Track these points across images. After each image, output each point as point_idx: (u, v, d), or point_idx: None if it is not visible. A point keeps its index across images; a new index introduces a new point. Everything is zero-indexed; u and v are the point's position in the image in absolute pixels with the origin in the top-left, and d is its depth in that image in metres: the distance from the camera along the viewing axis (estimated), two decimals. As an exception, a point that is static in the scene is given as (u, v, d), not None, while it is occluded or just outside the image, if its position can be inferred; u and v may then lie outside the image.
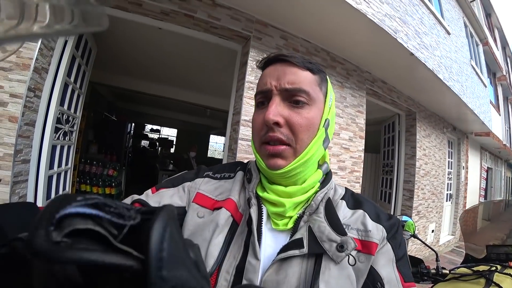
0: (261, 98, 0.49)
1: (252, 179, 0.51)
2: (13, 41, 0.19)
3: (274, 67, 0.49)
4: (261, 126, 0.47)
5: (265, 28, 2.42)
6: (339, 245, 0.41)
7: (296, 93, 0.46)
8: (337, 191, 0.54)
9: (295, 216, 0.47)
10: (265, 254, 0.44)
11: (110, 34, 3.10)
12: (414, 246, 4.42)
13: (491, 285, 0.98)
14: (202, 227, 0.47)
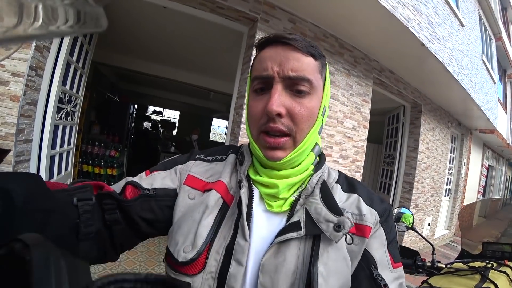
0: (260, 84, 0.46)
1: (244, 161, 0.51)
2: (12, 42, 0.19)
3: (275, 49, 0.45)
4: (261, 114, 0.45)
5: (273, 10, 2.35)
6: (336, 225, 0.42)
7: (299, 81, 0.44)
8: (331, 174, 0.54)
9: (290, 198, 0.48)
10: (260, 235, 0.45)
11: (114, 13, 3.03)
12: (410, 238, 4.49)
13: (486, 282, 0.99)
14: (192, 208, 0.48)
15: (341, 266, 0.42)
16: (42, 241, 0.23)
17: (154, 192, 0.49)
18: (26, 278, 0.19)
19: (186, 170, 0.53)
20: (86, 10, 0.21)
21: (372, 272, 0.44)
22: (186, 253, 0.42)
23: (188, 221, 0.46)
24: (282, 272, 0.41)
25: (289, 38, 0.44)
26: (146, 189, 0.49)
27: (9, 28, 0.16)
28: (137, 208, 0.47)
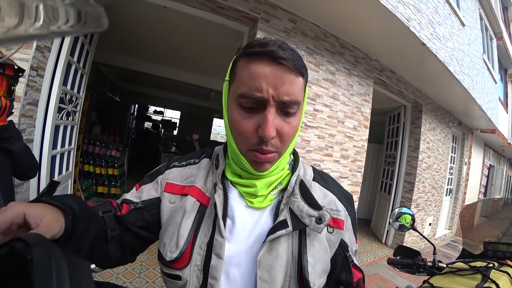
0: (251, 103, 0.45)
1: (219, 165, 0.56)
2: (13, 42, 0.19)
3: (270, 68, 0.44)
4: (252, 133, 0.46)
5: (273, 10, 2.35)
6: (318, 218, 0.48)
7: (291, 105, 0.46)
8: (306, 171, 0.60)
9: (270, 196, 0.53)
10: (242, 227, 0.51)
11: (115, 13, 3.03)
12: (411, 238, 4.49)
13: (487, 281, 0.98)
14: (174, 212, 0.54)
15: (323, 254, 0.52)
16: (43, 241, 0.23)
17: (142, 204, 0.57)
18: (27, 277, 0.19)
19: (164, 179, 0.59)
20: (86, 10, 0.21)
21: (346, 254, 0.57)
22: (172, 253, 0.50)
23: (172, 225, 0.53)
24: (277, 265, 0.48)
25: (284, 57, 0.43)
26: (135, 202, 0.57)
27: (10, 28, 0.16)
28: (131, 219, 0.56)
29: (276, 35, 2.38)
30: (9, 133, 1.10)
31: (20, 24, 0.16)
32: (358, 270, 0.60)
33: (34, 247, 0.21)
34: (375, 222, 5.10)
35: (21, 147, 1.14)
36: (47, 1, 0.18)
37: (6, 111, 1.07)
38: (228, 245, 0.50)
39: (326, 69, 2.78)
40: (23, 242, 0.22)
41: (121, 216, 0.56)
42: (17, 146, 1.12)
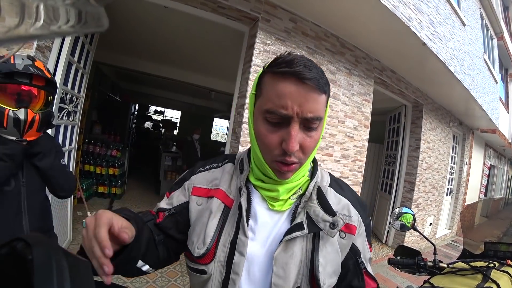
0: (276, 119, 0.49)
1: (243, 170, 0.60)
2: (14, 42, 0.19)
3: (295, 88, 0.47)
4: (276, 146, 0.50)
5: (274, 10, 2.35)
6: (331, 224, 0.52)
7: (314, 121, 0.49)
8: (323, 177, 0.64)
9: (289, 200, 0.58)
10: (264, 228, 0.56)
11: (115, 13, 3.03)
12: (411, 238, 4.49)
13: (488, 281, 0.98)
14: (201, 213, 0.60)
15: (334, 256, 0.56)
16: (43, 241, 0.23)
17: (175, 210, 0.63)
18: (28, 277, 0.19)
19: (191, 184, 0.65)
20: (87, 10, 0.21)
21: (357, 260, 0.60)
22: (199, 250, 0.55)
23: (199, 224, 0.58)
24: (291, 263, 0.53)
25: (309, 77, 0.46)
26: (168, 209, 0.63)
27: (11, 28, 0.16)
28: (167, 225, 0.62)
29: (276, 35, 2.37)
30: (39, 149, 1.07)
31: (21, 24, 0.16)
32: (372, 279, 0.62)
33: (34, 247, 0.21)
34: (375, 222, 5.09)
35: (49, 164, 1.10)
36: (48, 1, 0.18)
37: (35, 125, 1.03)
38: (250, 243, 0.55)
39: (327, 68, 2.78)
40: (24, 242, 0.22)
41: (159, 223, 0.62)
42: (44, 163, 1.08)
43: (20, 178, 1.04)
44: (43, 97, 1.08)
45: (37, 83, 1.03)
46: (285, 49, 2.45)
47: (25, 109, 1.00)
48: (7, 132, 1.00)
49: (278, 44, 2.40)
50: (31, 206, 1.06)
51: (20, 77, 0.99)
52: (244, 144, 2.25)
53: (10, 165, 0.98)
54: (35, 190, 1.09)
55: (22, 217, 1.04)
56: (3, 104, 0.98)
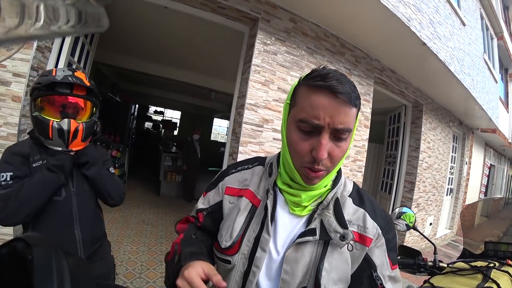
0: (308, 128, 0.53)
1: (272, 174, 0.65)
2: (14, 42, 0.19)
3: (328, 100, 0.51)
4: (307, 153, 0.54)
5: (274, 10, 2.35)
6: (342, 236, 0.55)
7: (343, 132, 0.53)
8: (346, 187, 0.66)
9: (309, 206, 0.61)
10: (283, 230, 0.61)
11: (115, 13, 3.03)
12: (411, 238, 4.48)
13: (488, 281, 0.98)
14: (232, 210, 0.66)
15: (342, 265, 0.57)
16: (43, 241, 0.23)
17: (211, 209, 0.71)
18: (28, 277, 0.19)
19: (224, 184, 0.71)
20: (87, 10, 0.21)
21: (372, 273, 0.58)
22: (226, 242, 0.62)
23: (229, 220, 0.65)
24: (300, 263, 0.57)
25: (342, 92, 0.50)
26: (206, 209, 0.72)
27: (11, 28, 0.16)
28: (207, 223, 0.71)
29: (276, 35, 2.38)
30: (86, 158, 1.07)
31: (21, 24, 0.16)
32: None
33: (34, 247, 0.21)
34: (375, 222, 5.09)
35: (97, 173, 1.10)
36: (48, 1, 0.18)
37: (79, 135, 1.03)
38: (271, 242, 0.60)
39: (327, 69, 2.78)
40: (24, 242, 0.22)
41: (202, 224, 0.71)
42: (93, 172, 1.09)
43: (70, 187, 1.05)
44: (89, 108, 1.08)
45: (78, 92, 1.03)
46: (285, 49, 2.45)
47: (68, 119, 1.00)
48: (53, 143, 1.01)
49: (278, 44, 2.40)
50: (82, 215, 1.07)
51: (61, 88, 0.99)
52: (244, 144, 2.25)
53: (60, 176, 0.98)
54: (86, 199, 1.10)
55: (74, 226, 1.04)
56: (49, 116, 0.99)
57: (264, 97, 2.34)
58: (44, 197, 0.96)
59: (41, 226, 0.99)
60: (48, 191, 0.97)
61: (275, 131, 2.41)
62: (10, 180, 0.95)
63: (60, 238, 1.00)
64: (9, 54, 0.28)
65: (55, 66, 1.86)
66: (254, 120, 2.30)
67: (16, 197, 0.90)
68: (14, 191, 0.91)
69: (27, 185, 0.93)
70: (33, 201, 0.93)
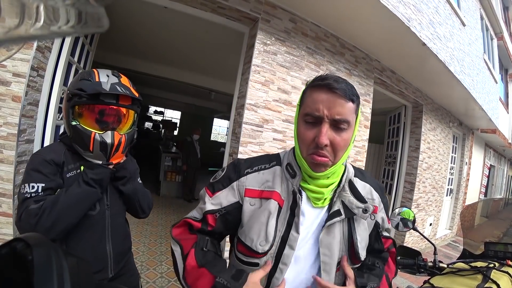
0: (312, 119, 0.62)
1: (296, 176, 0.69)
2: (14, 43, 0.19)
3: (326, 95, 0.61)
4: (311, 140, 0.62)
5: (274, 10, 2.35)
6: (364, 209, 0.66)
7: (341, 122, 0.61)
8: (349, 169, 0.75)
9: (329, 196, 0.69)
10: (309, 222, 0.67)
11: (115, 14, 3.03)
12: (411, 238, 4.48)
13: (488, 282, 0.98)
14: (257, 213, 0.67)
15: (365, 233, 0.70)
16: (43, 241, 0.23)
17: (225, 210, 0.69)
18: (28, 278, 0.19)
19: (242, 186, 0.70)
20: (87, 10, 0.21)
21: (378, 231, 0.76)
22: (263, 246, 0.63)
23: (257, 223, 0.65)
24: (334, 243, 0.65)
25: (337, 87, 0.60)
26: (219, 210, 0.69)
27: (11, 29, 0.16)
28: (220, 225, 0.70)
29: (276, 35, 2.38)
30: (124, 173, 1.01)
31: (21, 24, 0.16)
32: (387, 238, 0.80)
33: (34, 248, 0.21)
34: (375, 222, 5.09)
35: (133, 189, 1.04)
36: (48, 2, 0.18)
37: (121, 147, 0.96)
38: (295, 236, 0.65)
39: (327, 69, 2.78)
40: (24, 243, 0.22)
41: (213, 228, 0.69)
42: (129, 188, 1.03)
43: (105, 201, 0.99)
44: (131, 117, 1.01)
45: (124, 102, 0.96)
46: (285, 49, 2.45)
47: (112, 131, 0.93)
48: (93, 156, 0.93)
49: (278, 45, 2.40)
50: (114, 229, 1.01)
51: (106, 97, 0.91)
52: (244, 144, 2.25)
53: (98, 190, 0.92)
54: (117, 213, 1.04)
55: (106, 241, 0.98)
56: (88, 124, 0.90)
57: (264, 97, 2.34)
58: (81, 213, 0.88)
59: (72, 242, 0.91)
60: (86, 207, 0.90)
61: (275, 131, 2.41)
62: (41, 192, 0.84)
63: (91, 254, 0.94)
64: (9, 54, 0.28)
65: (55, 66, 1.86)
66: (254, 120, 2.30)
67: (50, 213, 0.80)
68: (48, 205, 0.81)
69: (63, 199, 0.84)
70: (68, 217, 0.85)
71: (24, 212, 0.81)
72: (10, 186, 1.56)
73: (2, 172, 1.55)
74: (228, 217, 0.69)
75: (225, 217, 0.69)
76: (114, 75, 0.96)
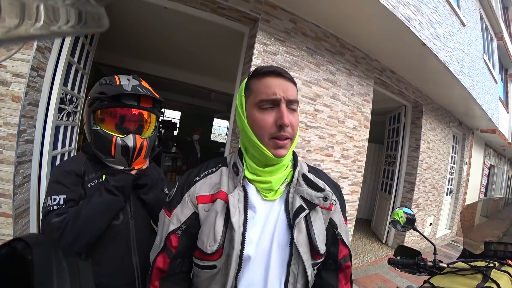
0: (268, 104, 0.64)
1: (239, 172, 0.68)
2: (14, 43, 0.19)
3: (278, 80, 0.65)
4: (272, 125, 0.63)
5: (274, 10, 2.35)
6: (324, 198, 0.66)
7: (294, 103, 0.66)
8: (303, 167, 0.77)
9: (279, 190, 0.68)
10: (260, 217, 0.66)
11: (115, 14, 3.03)
12: (411, 238, 4.49)
13: (488, 281, 0.98)
14: (208, 216, 0.66)
15: (321, 226, 0.69)
16: (43, 242, 0.23)
17: (186, 225, 0.68)
18: (28, 278, 0.19)
19: (194, 195, 0.69)
20: (87, 10, 0.21)
21: (335, 232, 0.74)
22: (211, 247, 0.62)
23: (207, 225, 0.65)
24: (306, 240, 0.65)
25: (283, 73, 0.65)
26: (179, 227, 0.68)
27: (11, 29, 0.16)
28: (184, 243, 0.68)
29: (276, 35, 2.38)
30: (146, 181, 0.96)
31: (21, 24, 0.16)
32: (345, 247, 0.76)
33: (34, 248, 0.21)
34: (375, 222, 5.09)
35: (155, 198, 0.99)
36: (48, 1, 0.18)
37: (143, 151, 0.93)
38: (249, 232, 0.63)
39: (327, 69, 2.78)
40: (24, 243, 0.22)
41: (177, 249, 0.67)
42: (150, 197, 0.98)
43: (128, 210, 0.94)
44: (153, 121, 0.98)
45: (145, 105, 0.93)
46: (285, 49, 2.45)
47: (133, 135, 0.90)
48: (115, 162, 0.91)
49: (278, 45, 2.40)
50: (140, 240, 0.94)
51: (128, 99, 0.89)
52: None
53: (121, 198, 0.87)
54: (142, 222, 0.98)
55: (132, 254, 0.92)
56: (109, 129, 0.88)
57: (264, 97, 2.34)
58: (105, 223, 0.85)
59: (96, 254, 0.87)
60: (109, 217, 0.86)
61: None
62: (63, 204, 0.82)
63: (117, 267, 0.89)
64: (9, 54, 0.28)
65: (55, 66, 1.86)
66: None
67: (73, 225, 0.78)
68: (70, 218, 0.79)
69: (85, 210, 0.81)
70: (92, 229, 0.81)
71: (47, 227, 0.78)
72: (10, 186, 1.56)
73: (2, 172, 1.55)
74: (191, 230, 0.68)
75: (188, 232, 0.68)
76: (135, 78, 0.94)
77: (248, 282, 0.64)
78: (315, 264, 0.68)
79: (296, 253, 0.64)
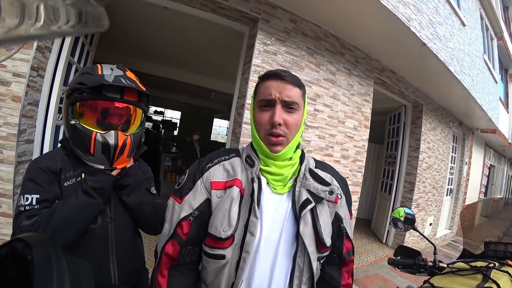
0: (265, 103, 0.69)
1: (254, 164, 0.71)
2: (14, 43, 0.19)
3: (276, 82, 0.69)
4: (267, 123, 0.68)
5: (274, 10, 2.35)
6: (330, 191, 0.69)
7: (291, 104, 0.68)
8: (309, 162, 0.79)
9: (288, 184, 0.72)
10: (269, 209, 0.69)
11: (115, 13, 3.03)
12: (411, 238, 4.48)
13: (488, 281, 0.98)
14: (222, 202, 0.67)
15: (328, 219, 0.72)
16: (43, 241, 0.23)
17: (198, 211, 0.69)
18: (28, 277, 0.19)
19: (207, 181, 0.71)
20: (87, 10, 0.21)
21: (340, 225, 0.76)
22: (226, 232, 0.63)
23: (221, 211, 0.66)
24: (312, 232, 0.67)
25: (284, 75, 0.68)
26: (191, 213, 0.69)
27: (11, 29, 0.16)
28: (195, 229, 0.68)
29: (276, 35, 2.38)
30: (129, 181, 0.88)
31: (21, 24, 0.16)
32: (349, 241, 0.78)
33: (34, 248, 0.21)
34: (375, 222, 5.09)
35: (137, 201, 0.90)
36: (48, 1, 0.18)
37: (126, 149, 0.85)
38: (258, 224, 0.65)
39: (327, 69, 2.78)
40: (24, 242, 0.22)
41: (188, 235, 0.68)
42: (132, 199, 0.89)
43: (107, 213, 0.86)
44: (139, 116, 0.90)
45: (130, 98, 0.85)
46: (285, 49, 2.45)
47: (115, 131, 0.82)
48: (94, 160, 0.82)
49: (278, 45, 2.40)
50: (119, 245, 0.88)
51: (110, 91, 0.81)
52: (243, 144, 2.25)
53: (99, 201, 0.80)
54: (123, 227, 0.90)
55: (110, 259, 0.86)
56: (89, 125, 0.80)
57: (264, 97, 2.34)
58: (80, 228, 0.77)
59: None
60: (85, 221, 0.78)
61: (275, 131, 2.41)
62: (36, 204, 0.75)
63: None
64: (9, 54, 0.28)
65: (55, 66, 1.85)
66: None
67: (44, 229, 0.71)
68: (42, 221, 0.72)
69: (58, 213, 0.73)
70: (66, 234, 0.74)
71: (17, 230, 0.74)
72: (10, 186, 1.56)
73: (2, 172, 1.55)
74: (202, 217, 0.69)
75: (199, 218, 0.68)
76: (119, 68, 0.86)
77: (255, 274, 0.65)
78: (320, 258, 0.70)
79: (302, 246, 0.65)
